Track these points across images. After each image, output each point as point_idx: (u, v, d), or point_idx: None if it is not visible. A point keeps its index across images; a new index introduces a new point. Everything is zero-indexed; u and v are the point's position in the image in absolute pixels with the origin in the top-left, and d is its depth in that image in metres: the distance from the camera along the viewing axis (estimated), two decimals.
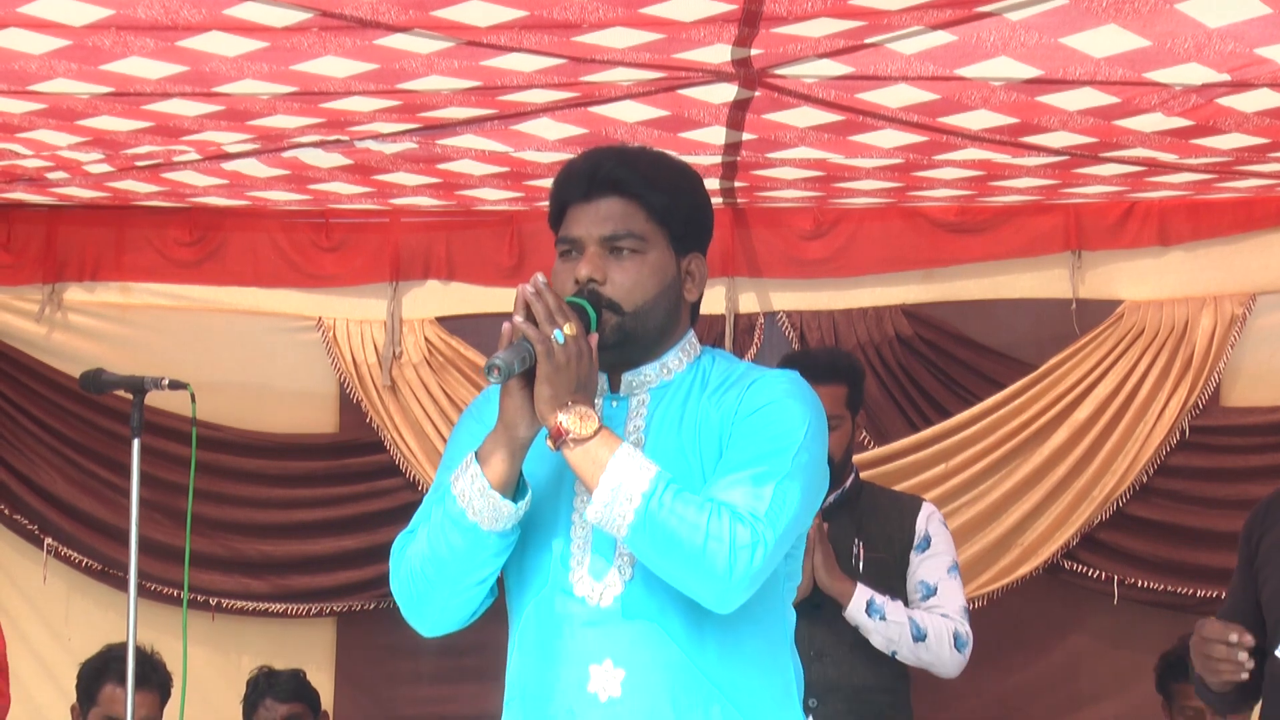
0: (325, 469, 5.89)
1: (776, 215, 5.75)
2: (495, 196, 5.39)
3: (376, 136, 4.53)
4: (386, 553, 2.74)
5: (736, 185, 5.20)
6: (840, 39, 3.61)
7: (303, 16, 3.50)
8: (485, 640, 3.04)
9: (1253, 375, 5.53)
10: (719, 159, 4.76)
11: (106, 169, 4.99)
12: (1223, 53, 3.62)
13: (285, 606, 5.82)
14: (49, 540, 5.81)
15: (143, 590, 4.91)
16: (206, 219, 5.85)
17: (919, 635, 4.44)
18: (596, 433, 2.54)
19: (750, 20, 3.47)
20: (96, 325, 5.88)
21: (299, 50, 3.71)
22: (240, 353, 5.90)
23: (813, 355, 5.03)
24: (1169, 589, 5.49)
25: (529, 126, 4.41)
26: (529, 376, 2.56)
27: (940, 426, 5.61)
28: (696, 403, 2.70)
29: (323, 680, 5.70)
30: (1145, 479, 5.53)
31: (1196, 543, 5.47)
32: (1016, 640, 5.61)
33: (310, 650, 5.82)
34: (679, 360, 2.75)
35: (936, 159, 4.74)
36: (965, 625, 4.51)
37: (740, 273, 5.75)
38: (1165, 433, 5.50)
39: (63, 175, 5.10)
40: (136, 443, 4.19)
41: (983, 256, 5.67)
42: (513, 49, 3.69)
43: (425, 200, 5.51)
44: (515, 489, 2.60)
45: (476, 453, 2.60)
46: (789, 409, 2.65)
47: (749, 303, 5.77)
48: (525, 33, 3.56)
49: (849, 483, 4.64)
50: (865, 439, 5.57)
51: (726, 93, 4.09)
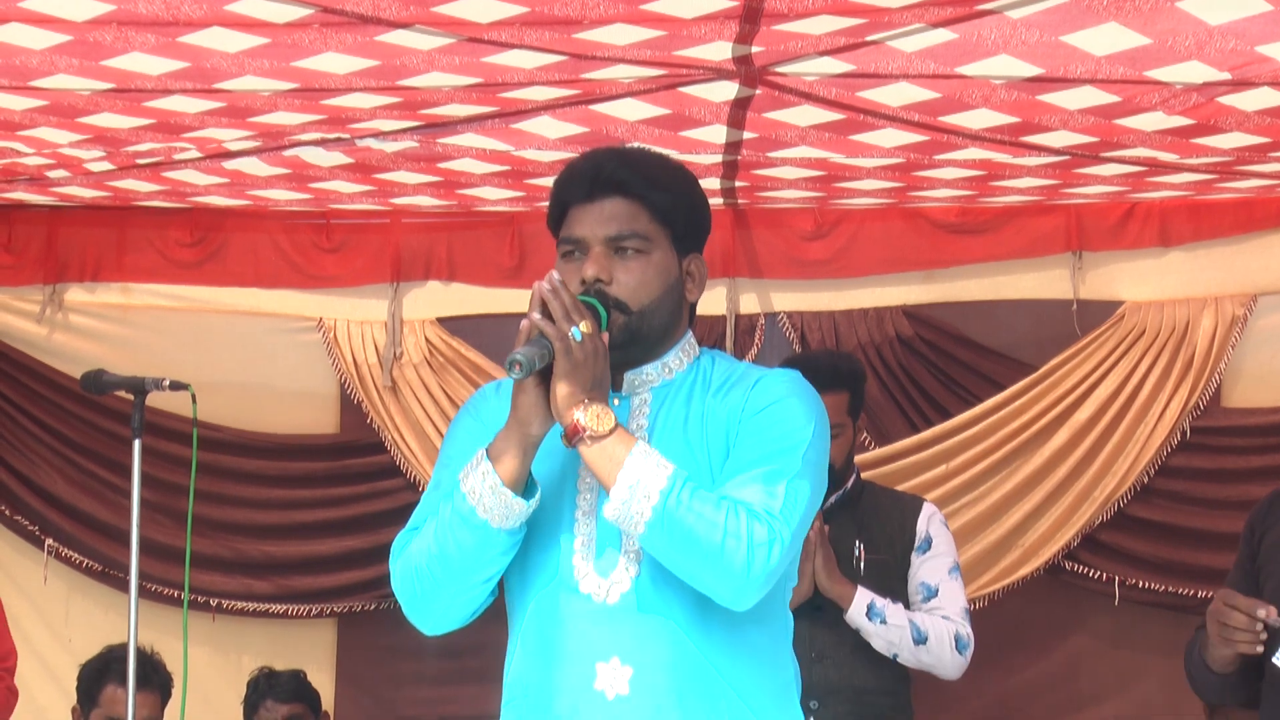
0: (326, 470, 5.89)
1: (777, 216, 5.75)
2: (496, 196, 5.39)
3: (377, 135, 4.53)
4: (387, 553, 2.73)
5: (737, 185, 5.20)
6: (841, 36, 3.61)
7: (304, 12, 3.50)
8: (486, 641, 3.02)
9: (1254, 376, 5.53)
10: (720, 158, 4.76)
11: (107, 167, 4.99)
12: (1224, 50, 3.62)
13: (286, 607, 5.81)
14: (50, 541, 5.80)
15: (143, 591, 4.91)
16: (207, 220, 5.85)
17: (920, 638, 4.43)
18: (613, 430, 2.54)
19: (751, 17, 3.47)
20: (97, 326, 5.88)
21: (300, 46, 3.72)
22: (241, 353, 5.90)
23: (814, 360, 4.94)
24: (1170, 590, 5.48)
25: (530, 125, 4.41)
26: (544, 374, 2.57)
27: (941, 427, 5.60)
28: (701, 401, 2.70)
29: (323, 681, 5.69)
30: (1146, 480, 5.52)
31: (1197, 543, 5.46)
32: (1017, 641, 5.60)
33: (311, 651, 5.81)
34: (680, 360, 2.75)
35: (937, 159, 4.74)
36: (966, 627, 4.50)
37: (741, 273, 5.75)
38: (1166, 433, 5.50)
39: (64, 174, 5.10)
40: (137, 443, 4.19)
41: (983, 257, 5.67)
42: (513, 45, 3.69)
43: (426, 200, 5.51)
44: (525, 486, 2.60)
45: (487, 450, 2.59)
46: (794, 407, 2.66)
47: (750, 303, 5.76)
48: (526, 29, 3.57)
49: (850, 484, 4.63)
50: (866, 440, 5.57)
51: (727, 90, 4.09)
